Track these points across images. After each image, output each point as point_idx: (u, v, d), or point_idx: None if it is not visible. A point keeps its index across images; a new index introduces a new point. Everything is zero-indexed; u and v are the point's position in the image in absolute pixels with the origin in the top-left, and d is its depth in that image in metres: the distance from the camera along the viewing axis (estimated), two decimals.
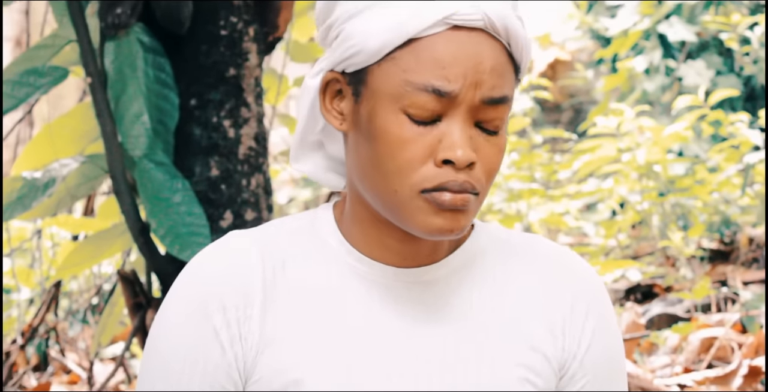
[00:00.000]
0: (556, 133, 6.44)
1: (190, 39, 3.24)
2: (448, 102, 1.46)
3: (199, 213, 3.10)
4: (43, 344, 4.98)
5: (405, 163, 1.47)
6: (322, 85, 1.55)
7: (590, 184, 6.68)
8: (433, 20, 1.45)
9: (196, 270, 1.59)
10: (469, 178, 1.48)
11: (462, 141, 1.46)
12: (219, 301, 1.55)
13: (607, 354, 1.67)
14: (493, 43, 1.48)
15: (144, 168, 3.13)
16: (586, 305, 1.65)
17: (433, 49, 1.46)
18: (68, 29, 3.22)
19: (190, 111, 3.23)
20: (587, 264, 1.72)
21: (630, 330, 4.30)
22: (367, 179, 1.52)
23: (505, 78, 1.49)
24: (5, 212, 3.17)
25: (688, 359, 4.02)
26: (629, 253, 5.86)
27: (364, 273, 1.59)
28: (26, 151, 3.49)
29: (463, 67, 1.45)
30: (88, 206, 4.19)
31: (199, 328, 1.55)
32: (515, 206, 6.17)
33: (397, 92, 1.47)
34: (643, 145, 5.54)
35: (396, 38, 1.46)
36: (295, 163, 1.67)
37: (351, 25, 1.50)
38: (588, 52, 9.05)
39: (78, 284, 5.95)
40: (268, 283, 1.57)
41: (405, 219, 1.50)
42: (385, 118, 1.48)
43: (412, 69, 1.46)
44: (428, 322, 1.59)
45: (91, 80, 3.13)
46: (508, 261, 1.66)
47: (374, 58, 1.48)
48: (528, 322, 1.62)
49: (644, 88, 7.04)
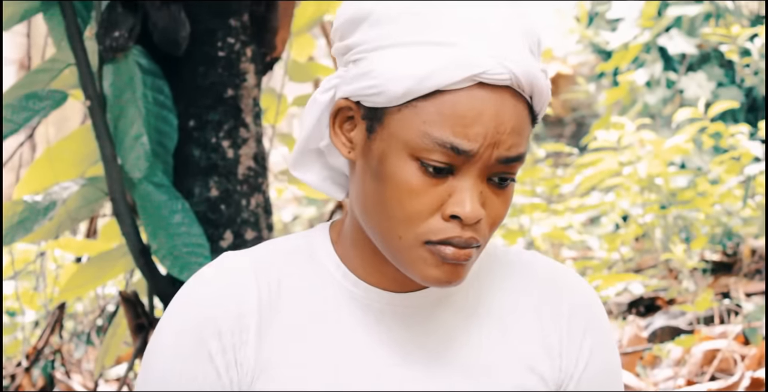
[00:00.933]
0: (557, 148, 6.44)
1: (188, 61, 3.25)
2: (464, 158, 1.45)
3: (199, 234, 3.11)
4: (48, 366, 4.99)
5: (413, 212, 1.47)
6: (335, 109, 1.54)
7: (593, 198, 6.68)
8: (462, 76, 1.43)
9: (191, 292, 1.59)
10: (474, 233, 1.48)
11: (472, 198, 1.46)
12: (214, 326, 1.55)
13: (604, 372, 1.67)
14: (516, 100, 1.46)
15: (144, 189, 3.14)
16: (584, 324, 1.65)
17: (456, 105, 1.44)
18: (67, 53, 3.23)
19: (189, 132, 3.24)
20: (584, 281, 1.72)
21: (632, 343, 4.31)
22: (371, 217, 1.52)
23: (523, 136, 1.48)
24: (6, 236, 3.18)
25: (691, 371, 4.02)
26: (632, 267, 5.86)
27: (359, 298, 1.59)
28: (28, 175, 3.50)
29: (485, 127, 1.44)
30: (90, 228, 4.21)
31: (194, 353, 1.55)
32: (518, 221, 6.18)
33: (414, 141, 1.45)
34: (644, 158, 5.54)
35: (421, 88, 1.44)
36: (295, 170, 1.65)
37: (376, 58, 1.48)
38: (590, 66, 9.06)
39: (83, 306, 5.96)
40: (264, 306, 1.57)
41: (405, 265, 1.50)
42: (397, 163, 1.47)
43: (432, 121, 1.44)
44: (424, 347, 1.59)
45: (90, 103, 3.15)
46: (505, 282, 1.66)
47: (395, 103, 1.46)
48: (524, 343, 1.62)
49: (645, 101, 7.04)
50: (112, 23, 3.18)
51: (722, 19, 7.08)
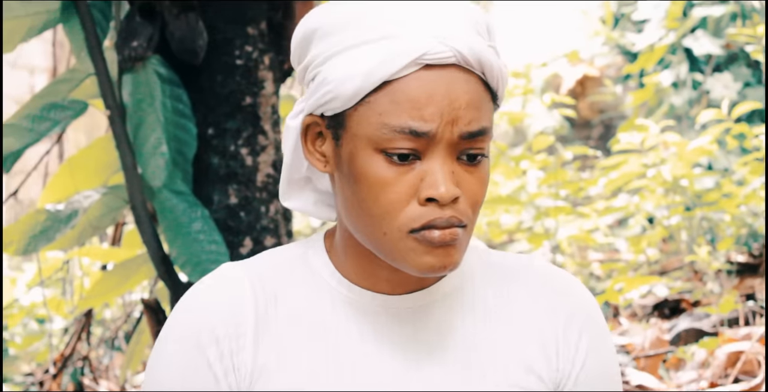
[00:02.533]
0: (581, 150, 6.44)
1: (206, 69, 3.28)
2: (426, 141, 1.47)
3: (219, 241, 3.14)
4: (77, 372, 5.03)
5: (389, 204, 1.49)
6: (303, 128, 1.57)
7: (621, 200, 6.67)
8: (405, 62, 1.46)
9: (189, 302, 1.63)
10: (454, 212, 1.49)
11: (444, 178, 1.47)
12: (212, 332, 1.58)
13: (601, 373, 1.68)
14: (468, 76, 1.49)
15: (164, 197, 3.18)
16: (580, 324, 1.67)
17: (407, 91, 1.47)
18: (87, 63, 3.27)
19: (208, 140, 3.27)
20: (581, 284, 1.74)
21: (654, 346, 4.30)
22: (356, 221, 1.54)
23: (481, 110, 1.50)
24: (29, 244, 3.22)
25: (714, 374, 4.02)
26: (657, 269, 5.85)
27: (354, 302, 1.61)
28: (51, 184, 3.54)
29: (439, 105, 1.46)
30: (115, 236, 4.24)
31: (194, 360, 1.59)
32: (544, 224, 6.18)
33: (374, 135, 1.48)
34: (668, 160, 5.53)
35: (369, 83, 1.47)
36: (285, 201, 1.69)
37: (326, 69, 1.51)
38: (616, 68, 9.04)
39: (111, 312, 6.01)
40: (261, 313, 1.60)
41: (397, 260, 1.52)
42: (364, 160, 1.50)
43: (387, 111, 1.47)
44: (420, 348, 1.61)
45: (110, 112, 3.18)
46: (500, 283, 1.68)
47: (350, 103, 1.49)
48: (521, 344, 1.64)
49: (671, 103, 7.03)
50: (131, 33, 3.21)
51: (748, 20, 7.06)
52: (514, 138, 9.40)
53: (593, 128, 9.52)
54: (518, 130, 9.15)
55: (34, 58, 10.52)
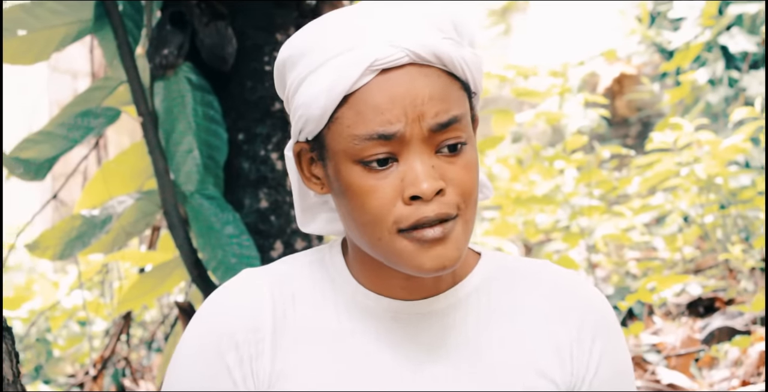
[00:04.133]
0: (615, 149, 6.44)
1: (236, 76, 3.33)
2: (397, 142, 1.50)
3: (250, 245, 3.19)
4: (118, 374, 5.10)
5: (376, 210, 1.52)
6: (295, 156, 1.62)
7: (658, 198, 6.66)
8: (359, 72, 1.50)
9: (209, 308, 1.67)
10: (441, 207, 1.51)
11: (423, 173, 1.50)
12: (231, 338, 1.63)
13: (615, 376, 1.71)
14: (428, 71, 1.52)
15: (196, 202, 3.23)
16: (593, 328, 1.69)
17: (368, 99, 1.50)
18: (119, 71, 3.33)
19: (239, 145, 3.32)
20: (594, 288, 1.76)
21: (685, 345, 4.31)
22: (354, 231, 1.58)
23: (448, 100, 1.53)
24: (65, 249, 3.28)
25: (747, 372, 4.02)
26: (692, 267, 5.85)
27: (371, 308, 1.65)
28: (87, 189, 3.61)
29: (401, 106, 1.50)
30: (152, 240, 4.31)
31: (213, 366, 1.63)
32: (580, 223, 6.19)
33: (348, 147, 1.51)
34: (702, 158, 5.53)
35: (332, 100, 1.51)
36: (304, 228, 1.74)
37: (297, 97, 1.56)
38: (653, 66, 9.03)
39: (150, 314, 6.08)
40: (279, 319, 1.64)
41: (397, 263, 1.55)
42: (346, 173, 1.53)
43: (354, 123, 1.51)
44: (435, 352, 1.64)
45: (142, 119, 3.24)
46: (514, 289, 1.71)
47: (321, 123, 1.54)
48: (535, 349, 1.67)
49: (708, 100, 7.01)
50: (162, 41, 3.27)
51: None
52: (552, 137, 9.40)
53: (631, 126, 9.50)
54: (556, 130, 9.15)
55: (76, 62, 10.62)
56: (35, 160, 3.23)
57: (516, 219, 6.83)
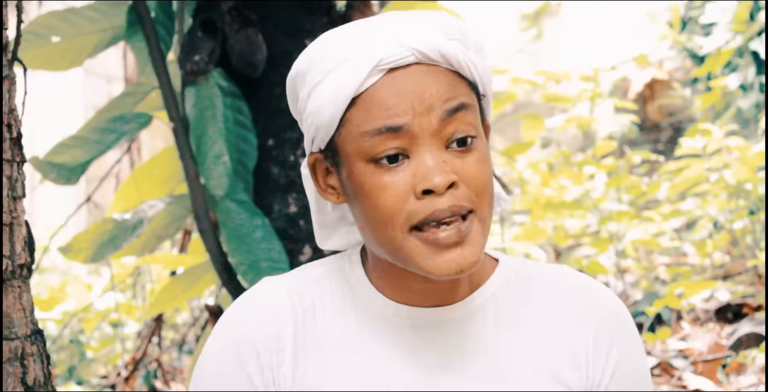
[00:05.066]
0: (644, 155, 6.45)
1: (266, 82, 3.36)
2: (407, 136, 1.52)
3: (279, 249, 3.22)
4: (150, 375, 5.15)
5: (389, 207, 1.53)
6: (310, 167, 1.65)
7: (688, 203, 6.66)
8: (365, 73, 1.53)
9: (231, 317, 1.70)
10: (454, 200, 1.52)
11: (435, 167, 1.51)
12: (253, 348, 1.65)
13: (631, 382, 1.72)
14: (434, 70, 1.55)
15: (226, 207, 3.26)
16: (610, 334, 1.71)
17: (376, 97, 1.53)
18: (151, 77, 3.37)
19: (268, 150, 3.35)
20: (612, 294, 1.78)
21: (712, 350, 4.32)
22: (369, 235, 1.59)
23: (455, 89, 1.55)
24: (97, 253, 3.32)
25: None
26: (720, 273, 5.85)
27: (390, 316, 1.67)
28: (119, 193, 3.65)
29: (409, 101, 1.52)
30: (183, 243, 4.35)
31: (235, 375, 1.66)
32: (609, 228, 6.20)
33: (359, 146, 1.54)
34: (732, 164, 5.53)
35: (341, 102, 1.54)
36: (323, 245, 1.77)
37: (308, 107, 1.59)
38: (685, 71, 9.02)
39: (183, 317, 6.12)
40: (299, 327, 1.67)
41: (410, 263, 1.56)
42: (359, 173, 1.55)
43: (364, 120, 1.53)
44: (453, 361, 1.67)
45: (173, 124, 3.28)
46: (532, 295, 1.73)
47: (332, 128, 1.56)
48: (551, 355, 1.69)
49: (739, 106, 7.01)
50: (193, 48, 3.31)
51: None
52: (583, 142, 9.40)
53: (662, 131, 9.49)
54: (587, 135, 9.15)
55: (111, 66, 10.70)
56: (68, 164, 3.28)
57: (546, 223, 6.84)
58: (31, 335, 1.88)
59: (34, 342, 1.89)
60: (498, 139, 9.88)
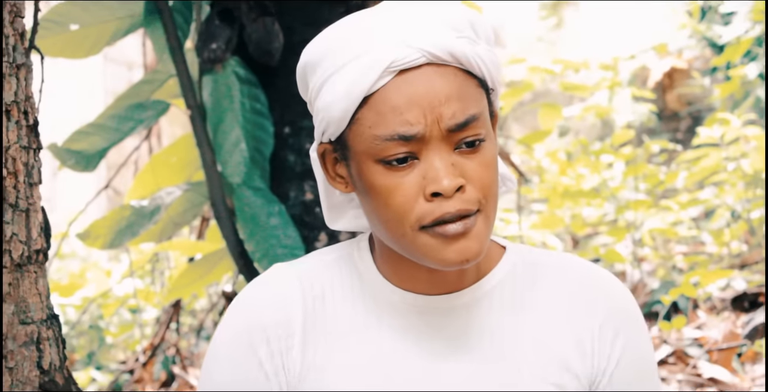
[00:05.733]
0: (662, 144, 6.45)
1: (283, 70, 3.38)
2: (417, 142, 1.54)
3: (295, 236, 3.24)
4: (168, 361, 5.18)
5: (399, 208, 1.56)
6: (320, 156, 1.67)
7: (706, 193, 6.66)
8: (377, 74, 1.54)
9: (242, 303, 1.73)
10: (462, 203, 1.55)
11: (443, 171, 1.54)
12: (263, 333, 1.68)
13: (637, 370, 1.74)
14: (444, 70, 1.56)
15: (242, 194, 3.28)
16: (616, 322, 1.72)
17: (387, 100, 1.55)
18: (169, 64, 3.39)
19: (284, 138, 3.37)
20: (619, 282, 1.79)
21: (727, 339, 4.32)
22: (378, 228, 1.63)
23: (465, 100, 1.56)
24: (115, 239, 3.35)
25: None
26: (737, 262, 5.84)
27: (397, 303, 1.70)
28: (137, 180, 3.68)
29: (420, 106, 1.53)
30: (201, 230, 4.38)
31: (246, 360, 1.69)
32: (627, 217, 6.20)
33: (369, 148, 1.56)
34: (749, 153, 5.53)
35: (351, 102, 1.55)
36: (332, 225, 1.79)
37: (319, 100, 1.61)
38: (704, 60, 9.00)
39: (200, 303, 6.16)
40: (309, 313, 1.70)
41: (421, 257, 1.59)
42: (368, 173, 1.57)
43: (375, 123, 1.55)
44: (460, 346, 1.69)
45: (191, 112, 3.30)
46: (538, 283, 1.74)
47: (342, 125, 1.58)
48: (558, 342, 1.70)
49: (757, 95, 6.99)
50: (210, 36, 3.33)
51: None
52: (602, 131, 9.39)
53: (681, 120, 9.47)
54: (606, 123, 9.15)
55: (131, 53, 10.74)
56: (86, 151, 3.31)
57: (563, 212, 6.85)
58: (47, 319, 1.91)
59: (50, 327, 1.91)
60: (516, 128, 9.88)
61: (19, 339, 1.84)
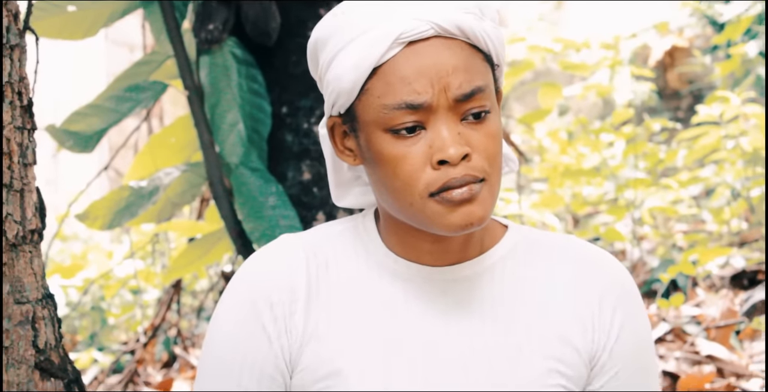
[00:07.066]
0: (661, 122, 6.45)
1: (280, 50, 3.38)
2: (425, 111, 1.59)
3: (293, 216, 3.25)
4: (170, 342, 5.21)
5: (407, 176, 1.60)
6: (329, 130, 1.72)
7: (706, 171, 6.67)
8: (387, 45, 1.59)
9: (248, 269, 1.77)
10: (468, 170, 1.60)
11: (450, 139, 1.59)
12: (267, 298, 1.72)
13: (636, 345, 1.78)
14: (451, 43, 1.61)
15: (240, 174, 3.29)
16: (615, 299, 1.76)
17: (396, 70, 1.59)
18: (166, 45, 3.40)
19: (282, 118, 3.38)
20: (617, 261, 1.84)
21: (725, 317, 4.33)
22: (386, 198, 1.67)
23: (472, 71, 1.61)
24: (114, 220, 3.36)
25: None
26: (737, 240, 5.85)
27: (400, 273, 1.74)
28: (136, 161, 3.69)
29: (428, 76, 1.58)
30: (200, 210, 4.39)
31: (249, 323, 1.72)
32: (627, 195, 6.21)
33: (378, 117, 1.60)
34: (749, 131, 5.53)
35: (361, 72, 1.60)
36: (338, 202, 1.85)
37: (329, 73, 1.65)
38: (705, 38, 8.99)
39: (201, 284, 6.18)
40: (313, 280, 1.73)
41: (428, 224, 1.63)
42: (377, 142, 1.62)
43: (384, 93, 1.60)
44: (461, 317, 1.72)
45: (188, 93, 3.30)
46: (539, 260, 1.79)
47: (352, 96, 1.63)
48: (558, 317, 1.74)
49: (758, 73, 6.98)
50: (207, 16, 3.33)
51: None
52: (603, 110, 9.39)
53: (682, 99, 9.47)
54: (607, 102, 9.14)
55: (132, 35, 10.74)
56: (84, 132, 3.31)
57: (564, 191, 6.86)
58: (42, 299, 1.93)
59: (45, 306, 1.93)
60: (516, 107, 9.88)
61: (14, 319, 1.86)
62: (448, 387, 1.69)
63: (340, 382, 1.69)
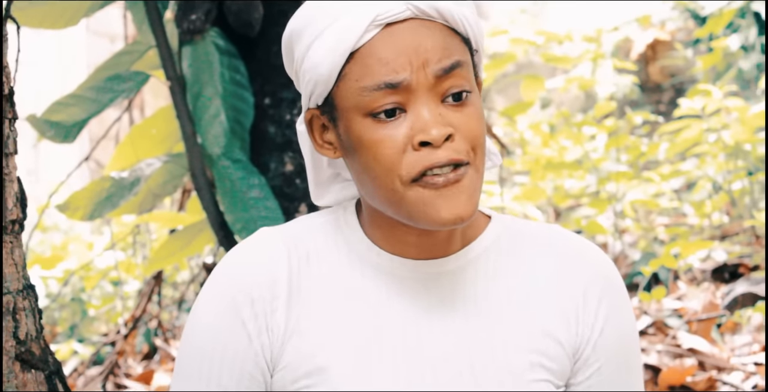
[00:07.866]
0: (643, 115, 6.45)
1: (262, 41, 3.37)
2: (405, 91, 1.56)
3: (275, 207, 3.24)
4: (151, 333, 5.19)
5: (388, 160, 1.57)
6: (307, 124, 1.69)
7: (688, 164, 6.68)
8: (362, 29, 1.56)
9: (228, 264, 1.74)
10: (452, 153, 1.56)
11: (431, 120, 1.56)
12: (247, 294, 1.69)
13: (620, 338, 1.77)
14: (429, 24, 1.59)
15: (222, 165, 3.28)
16: (599, 292, 1.75)
17: (374, 52, 1.57)
18: (148, 36, 3.38)
19: (265, 109, 3.37)
20: (602, 253, 1.82)
21: (707, 310, 4.34)
22: (368, 187, 1.63)
23: (450, 47, 1.59)
24: (95, 211, 3.34)
25: None
26: (718, 234, 5.87)
27: (383, 267, 1.71)
28: (117, 152, 3.67)
29: (406, 55, 1.56)
30: (182, 202, 4.37)
31: (229, 320, 1.69)
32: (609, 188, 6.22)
33: (357, 101, 1.58)
34: (731, 125, 5.54)
35: (338, 58, 1.58)
36: (318, 201, 1.82)
37: (306, 62, 1.62)
38: (687, 32, 9.00)
39: (182, 276, 6.16)
40: (294, 276, 1.70)
41: (414, 216, 1.60)
42: (357, 128, 1.59)
43: (362, 75, 1.57)
44: (444, 311, 1.70)
45: (170, 83, 3.29)
46: (523, 251, 1.76)
47: (330, 82, 1.60)
48: (541, 309, 1.73)
49: (740, 67, 7.00)
50: (190, 7, 3.32)
51: None
52: (585, 103, 9.40)
53: (664, 92, 9.48)
54: (589, 95, 9.15)
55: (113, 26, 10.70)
56: (65, 122, 3.29)
57: (546, 184, 6.87)
58: (23, 290, 1.91)
59: (26, 297, 1.91)
60: (498, 100, 9.88)
61: None
62: (431, 383, 1.67)
63: (321, 381, 1.66)
